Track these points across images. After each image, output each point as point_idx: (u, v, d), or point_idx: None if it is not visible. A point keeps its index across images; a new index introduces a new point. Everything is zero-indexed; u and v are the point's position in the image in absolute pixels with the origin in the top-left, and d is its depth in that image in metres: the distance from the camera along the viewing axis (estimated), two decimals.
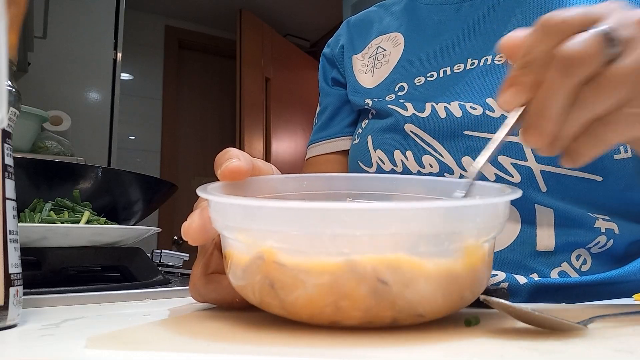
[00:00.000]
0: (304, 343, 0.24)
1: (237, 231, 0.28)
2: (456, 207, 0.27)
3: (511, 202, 0.33)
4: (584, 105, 0.29)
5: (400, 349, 0.23)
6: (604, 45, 0.28)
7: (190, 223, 0.32)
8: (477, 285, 0.28)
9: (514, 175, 0.52)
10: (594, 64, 0.28)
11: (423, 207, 0.26)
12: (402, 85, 0.63)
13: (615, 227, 0.52)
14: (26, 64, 2.09)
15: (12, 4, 0.28)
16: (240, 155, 0.34)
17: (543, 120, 0.29)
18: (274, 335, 0.26)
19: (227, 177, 0.33)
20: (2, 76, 0.26)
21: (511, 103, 0.31)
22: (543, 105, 0.29)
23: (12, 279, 0.29)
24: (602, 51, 0.28)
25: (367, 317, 0.26)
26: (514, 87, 0.30)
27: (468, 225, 0.26)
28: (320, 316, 0.26)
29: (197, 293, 0.36)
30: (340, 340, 0.25)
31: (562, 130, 0.30)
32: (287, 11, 3.57)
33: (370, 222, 0.25)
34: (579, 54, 0.28)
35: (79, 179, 0.65)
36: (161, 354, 0.22)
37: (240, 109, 3.14)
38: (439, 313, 0.27)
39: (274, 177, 0.38)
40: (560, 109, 0.29)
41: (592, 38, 0.28)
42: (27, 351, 0.24)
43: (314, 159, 0.74)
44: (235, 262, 0.29)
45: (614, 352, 0.22)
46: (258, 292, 0.28)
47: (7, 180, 0.30)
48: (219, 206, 0.29)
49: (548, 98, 0.29)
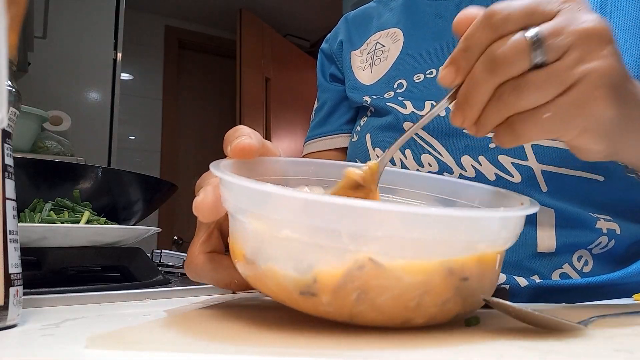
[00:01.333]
0: (304, 343, 0.24)
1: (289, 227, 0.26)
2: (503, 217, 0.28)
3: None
4: (503, 101, 0.30)
5: (400, 349, 0.23)
6: (531, 51, 0.29)
7: (203, 198, 0.31)
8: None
9: (515, 175, 0.51)
10: (517, 67, 0.29)
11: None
12: (401, 82, 0.62)
13: (617, 227, 0.52)
14: (26, 64, 2.09)
15: (12, 4, 0.28)
16: (251, 134, 0.34)
17: (466, 105, 0.31)
18: (274, 335, 0.26)
19: (237, 155, 0.33)
20: (2, 76, 0.26)
21: (446, 80, 0.32)
22: (468, 92, 0.31)
23: (12, 279, 0.29)
24: (528, 57, 0.29)
25: (438, 313, 0.26)
26: (452, 65, 0.32)
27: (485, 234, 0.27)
28: (399, 312, 0.26)
29: (194, 272, 0.35)
30: (339, 340, 0.25)
31: (483, 118, 0.31)
32: (287, 11, 3.57)
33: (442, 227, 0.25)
34: (505, 57, 0.29)
35: (79, 179, 0.65)
36: (161, 354, 0.22)
37: (240, 109, 3.14)
38: (474, 310, 0.29)
39: (282, 159, 0.38)
40: (481, 99, 0.31)
41: (521, 43, 0.29)
42: (27, 351, 0.24)
43: (311, 155, 0.73)
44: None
45: (614, 352, 0.22)
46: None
47: (7, 180, 0.30)
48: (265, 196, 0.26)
49: (472, 88, 0.31)
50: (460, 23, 0.32)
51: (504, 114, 0.31)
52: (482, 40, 0.30)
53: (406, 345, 0.24)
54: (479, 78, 0.30)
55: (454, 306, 0.26)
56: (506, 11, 0.30)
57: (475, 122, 0.32)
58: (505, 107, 0.30)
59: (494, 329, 0.27)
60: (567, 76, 0.29)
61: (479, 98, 0.31)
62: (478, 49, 0.30)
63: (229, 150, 0.33)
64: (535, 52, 0.29)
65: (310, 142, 0.74)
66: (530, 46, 0.29)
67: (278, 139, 3.35)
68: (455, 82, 0.32)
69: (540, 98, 0.30)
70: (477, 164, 0.53)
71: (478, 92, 0.31)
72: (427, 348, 0.23)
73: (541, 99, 0.30)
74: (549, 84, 0.29)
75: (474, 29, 0.31)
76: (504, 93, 0.30)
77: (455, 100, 0.32)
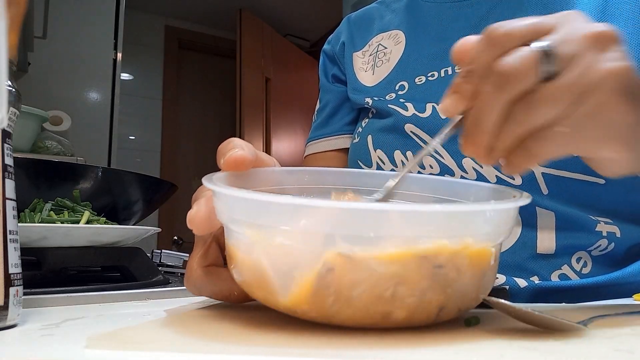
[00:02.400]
0: (304, 343, 0.24)
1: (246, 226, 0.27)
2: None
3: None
4: (516, 121, 0.29)
5: (400, 349, 0.23)
6: (540, 63, 0.28)
7: (196, 211, 0.31)
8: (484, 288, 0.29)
9: (515, 177, 0.51)
10: (528, 81, 0.28)
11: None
12: (402, 84, 0.62)
13: (617, 230, 0.52)
14: (26, 64, 2.09)
15: (12, 4, 0.28)
16: (244, 146, 0.33)
17: (477, 131, 0.30)
18: (274, 335, 0.26)
19: (231, 167, 0.33)
20: (2, 76, 0.26)
21: (450, 110, 0.31)
22: (478, 117, 0.29)
23: (12, 279, 0.29)
24: (538, 69, 0.28)
25: (418, 304, 0.26)
26: (455, 94, 0.30)
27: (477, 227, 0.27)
28: (376, 305, 0.26)
29: (194, 286, 0.35)
30: (339, 340, 0.25)
31: (497, 143, 0.30)
32: (287, 11, 3.57)
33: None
34: (513, 71, 0.28)
35: (79, 179, 0.65)
36: (161, 354, 0.22)
37: (240, 109, 3.14)
38: (470, 307, 0.29)
39: (276, 169, 0.38)
40: (493, 122, 0.29)
41: (529, 55, 0.28)
42: (27, 351, 0.24)
43: (313, 156, 0.73)
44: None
45: (614, 352, 0.22)
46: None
47: (7, 180, 0.30)
48: (263, 204, 0.27)
49: (482, 111, 0.29)
50: (459, 52, 0.31)
51: (518, 134, 0.29)
52: (485, 59, 0.29)
53: (406, 346, 0.24)
54: (488, 99, 0.29)
55: (434, 296, 0.26)
56: (507, 27, 0.29)
57: (487, 148, 0.30)
58: (520, 126, 0.29)
59: (494, 329, 0.27)
60: (579, 85, 0.28)
61: (490, 121, 0.29)
62: (481, 69, 0.29)
63: (222, 163, 0.33)
64: (544, 63, 0.28)
65: (312, 143, 0.74)
66: (539, 57, 0.28)
67: (278, 139, 3.35)
68: (459, 109, 0.31)
69: (555, 112, 0.28)
70: (478, 166, 0.53)
71: (489, 114, 0.29)
72: (427, 348, 0.23)
73: (556, 112, 0.28)
74: (562, 95, 0.28)
75: (475, 53, 0.30)
76: (516, 112, 0.29)
77: (463, 129, 0.31)
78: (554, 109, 0.28)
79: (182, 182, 3.33)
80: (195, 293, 0.35)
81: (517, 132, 0.29)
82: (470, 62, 0.30)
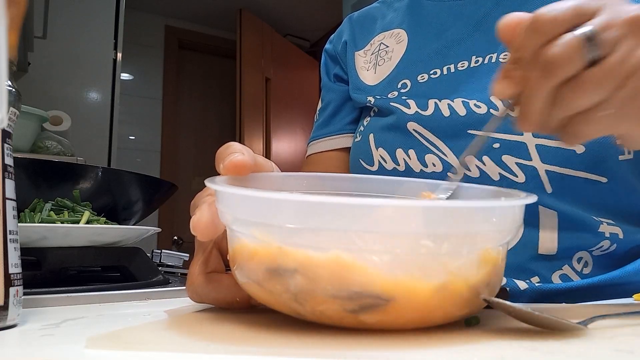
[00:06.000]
0: (304, 343, 0.24)
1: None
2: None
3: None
4: (563, 104, 0.31)
5: (400, 349, 0.23)
6: (585, 49, 0.29)
7: (199, 217, 0.31)
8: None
9: (519, 175, 0.51)
10: (572, 67, 0.30)
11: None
12: (404, 83, 0.62)
13: (620, 231, 0.52)
14: (26, 64, 2.09)
15: (12, 4, 0.28)
16: (243, 150, 0.33)
17: (529, 112, 0.32)
18: (274, 335, 0.26)
19: (230, 172, 0.32)
20: (2, 76, 0.26)
21: (502, 93, 0.33)
22: (528, 100, 0.32)
23: (12, 279, 0.29)
24: (582, 55, 0.29)
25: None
26: (505, 79, 0.33)
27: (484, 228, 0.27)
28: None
29: (195, 293, 0.34)
30: (339, 340, 0.25)
31: (547, 122, 0.32)
32: (287, 11, 3.57)
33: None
34: (559, 58, 0.29)
35: (79, 179, 0.65)
36: (161, 354, 0.22)
37: (240, 109, 3.14)
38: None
39: (275, 174, 0.38)
40: (542, 104, 0.31)
41: (574, 42, 0.29)
42: (27, 351, 0.24)
43: (315, 156, 0.73)
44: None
45: (614, 352, 0.22)
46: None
47: (7, 180, 0.30)
48: (273, 202, 0.26)
49: (531, 95, 0.32)
50: (504, 29, 0.33)
51: (564, 117, 0.31)
52: (532, 47, 0.31)
53: (406, 346, 0.24)
54: (536, 84, 0.31)
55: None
56: (552, 14, 0.30)
57: (539, 127, 0.33)
58: (565, 110, 0.31)
59: (494, 329, 0.27)
60: (622, 69, 0.29)
61: (538, 104, 0.31)
62: (529, 57, 0.31)
63: (222, 167, 0.33)
64: (588, 49, 0.29)
65: (314, 142, 0.74)
66: (583, 43, 0.29)
67: (278, 139, 3.35)
68: (509, 93, 0.33)
69: (599, 96, 0.30)
70: (481, 164, 0.52)
71: (537, 98, 0.31)
72: (427, 348, 0.23)
73: (599, 96, 0.30)
74: (606, 79, 0.29)
75: (522, 40, 0.31)
76: (563, 96, 0.31)
77: (518, 111, 0.33)
78: (597, 94, 0.30)
79: (182, 182, 3.34)
80: (197, 300, 0.35)
81: (564, 113, 0.31)
82: (518, 49, 0.32)
